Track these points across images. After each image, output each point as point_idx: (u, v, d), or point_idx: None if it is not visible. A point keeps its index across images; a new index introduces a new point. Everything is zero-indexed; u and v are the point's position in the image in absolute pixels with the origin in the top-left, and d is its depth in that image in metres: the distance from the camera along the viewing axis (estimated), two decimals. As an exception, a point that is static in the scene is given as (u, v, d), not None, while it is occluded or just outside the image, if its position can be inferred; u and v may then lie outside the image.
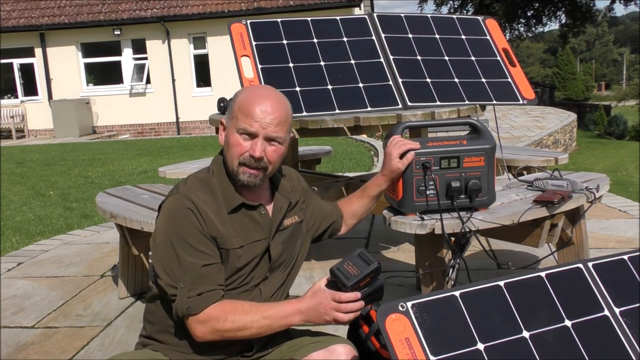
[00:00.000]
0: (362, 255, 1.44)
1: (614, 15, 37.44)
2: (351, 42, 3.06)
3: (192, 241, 1.46)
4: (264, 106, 1.48)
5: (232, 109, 1.52)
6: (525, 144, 9.26)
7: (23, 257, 4.02)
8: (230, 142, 1.50)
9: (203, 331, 1.45)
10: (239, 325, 1.43)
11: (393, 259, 3.51)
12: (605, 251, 3.52)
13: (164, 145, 12.20)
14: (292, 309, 1.45)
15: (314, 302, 1.42)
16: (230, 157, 1.51)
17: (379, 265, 1.43)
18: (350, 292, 1.40)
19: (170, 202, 1.51)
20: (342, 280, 1.40)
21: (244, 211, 1.54)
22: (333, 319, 1.41)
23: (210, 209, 1.49)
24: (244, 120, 1.48)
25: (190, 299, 1.44)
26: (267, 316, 1.44)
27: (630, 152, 14.53)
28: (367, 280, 1.42)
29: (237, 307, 1.45)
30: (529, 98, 2.98)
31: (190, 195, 1.49)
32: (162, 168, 3.91)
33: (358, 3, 15.04)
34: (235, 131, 1.49)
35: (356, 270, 1.41)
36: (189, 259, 1.45)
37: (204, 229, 1.47)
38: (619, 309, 1.29)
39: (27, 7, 16.54)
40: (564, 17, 27.66)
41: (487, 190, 2.11)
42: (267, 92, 1.53)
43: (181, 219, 1.47)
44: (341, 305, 1.40)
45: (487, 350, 1.17)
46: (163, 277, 1.47)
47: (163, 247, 1.48)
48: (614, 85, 61.21)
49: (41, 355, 2.51)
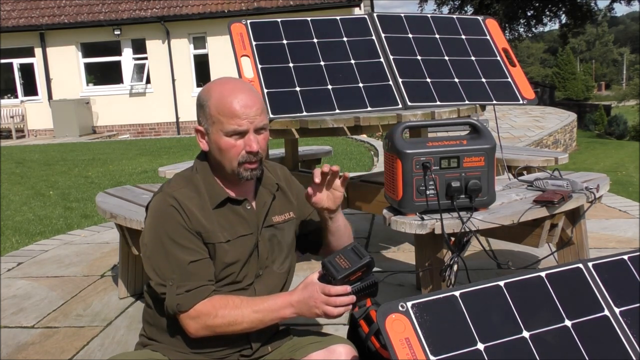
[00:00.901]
0: (355, 249, 1.43)
1: (614, 15, 37.41)
2: (351, 42, 3.06)
3: (177, 238, 1.46)
4: (242, 101, 1.47)
5: (208, 113, 1.49)
6: (525, 144, 9.26)
7: (23, 257, 4.02)
8: (222, 146, 1.49)
9: (195, 327, 1.45)
10: (230, 320, 1.43)
11: (393, 259, 3.51)
12: (605, 251, 3.52)
13: (164, 145, 12.20)
14: (283, 302, 1.44)
15: (305, 295, 1.42)
16: (228, 160, 1.50)
17: (371, 259, 1.41)
18: (340, 286, 1.38)
19: (155, 202, 1.53)
20: (332, 273, 1.39)
21: (230, 206, 1.55)
22: (323, 312, 1.39)
23: (194, 205, 1.49)
24: (230, 121, 1.46)
25: (179, 295, 1.44)
26: (257, 310, 1.44)
27: (630, 152, 14.53)
28: (359, 274, 1.40)
29: (228, 302, 1.45)
30: (529, 98, 2.98)
31: (173, 193, 1.50)
32: (162, 168, 3.91)
33: (358, 3, 15.04)
34: (223, 135, 1.48)
35: (347, 264, 1.40)
36: (175, 256, 1.45)
37: (188, 225, 1.47)
38: (619, 309, 1.29)
39: (27, 7, 16.54)
40: (564, 17, 27.67)
41: (487, 190, 2.12)
42: (236, 86, 1.50)
43: (165, 217, 1.47)
44: (330, 298, 1.38)
45: (487, 350, 1.17)
46: (152, 276, 1.48)
47: (150, 246, 1.49)
48: (614, 85, 61.25)
49: (41, 355, 2.51)
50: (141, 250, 1.53)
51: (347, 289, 1.39)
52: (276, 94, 2.77)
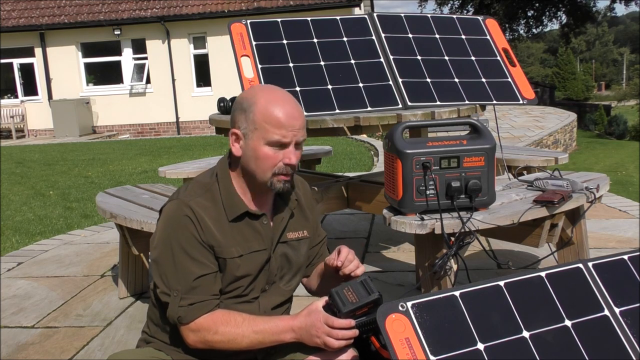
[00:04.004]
0: (365, 283, 1.39)
1: (615, 15, 37.44)
2: (351, 42, 3.06)
3: (188, 249, 1.43)
4: (290, 112, 1.43)
5: (251, 119, 1.44)
6: (525, 143, 9.26)
7: (23, 257, 4.02)
8: (260, 154, 1.45)
9: (194, 339, 1.44)
10: (230, 338, 1.42)
11: (393, 259, 3.51)
12: (605, 251, 3.52)
13: (164, 145, 12.20)
14: (285, 326, 1.42)
15: (308, 322, 1.39)
16: (262, 169, 1.46)
17: (379, 296, 1.37)
18: (344, 319, 1.36)
19: (170, 208, 1.49)
20: (339, 306, 1.36)
21: (247, 220, 1.51)
22: (323, 342, 1.37)
23: (209, 216, 1.46)
24: (276, 132, 1.42)
25: (182, 308, 1.42)
26: (258, 331, 1.42)
27: (630, 152, 14.53)
28: (365, 309, 1.37)
29: (230, 319, 1.43)
30: (529, 98, 2.98)
31: (189, 202, 1.46)
32: (162, 168, 3.91)
33: (358, 3, 15.03)
34: (264, 143, 1.44)
35: (355, 298, 1.36)
36: (184, 266, 1.43)
37: (201, 236, 1.44)
38: (619, 309, 1.29)
39: (27, 7, 16.54)
40: (564, 17, 27.67)
41: (487, 190, 2.11)
42: (285, 96, 1.47)
43: (179, 226, 1.44)
44: (333, 331, 1.36)
45: (487, 350, 1.17)
46: (158, 283, 1.47)
47: (160, 253, 1.46)
48: (614, 85, 61.22)
49: (41, 355, 2.51)
50: (150, 253, 1.51)
51: (351, 322, 1.36)
52: (276, 94, 2.77)
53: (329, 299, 1.39)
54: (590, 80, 51.48)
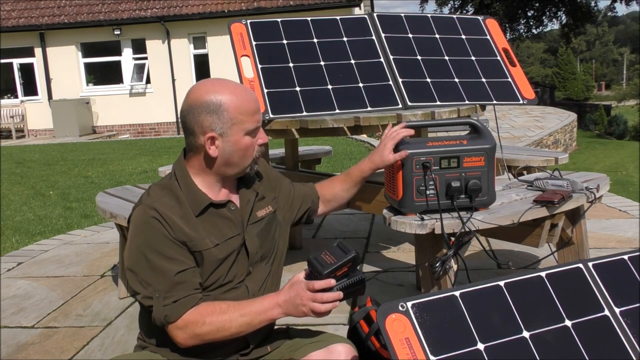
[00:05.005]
0: (341, 245, 1.43)
1: (615, 15, 37.44)
2: (351, 42, 3.06)
3: (162, 249, 1.43)
4: (251, 97, 1.50)
5: (226, 117, 1.45)
6: (525, 143, 9.25)
7: (23, 257, 4.02)
8: (243, 146, 1.49)
9: (183, 337, 1.44)
10: (218, 326, 1.42)
11: (393, 259, 3.51)
12: (605, 251, 3.52)
13: (164, 145, 12.20)
14: (270, 303, 1.43)
15: (291, 293, 1.41)
16: (247, 158, 1.51)
17: (356, 254, 1.40)
18: (324, 280, 1.38)
19: (136, 214, 1.49)
20: (318, 269, 1.38)
21: (213, 211, 1.52)
22: (310, 309, 1.38)
23: (176, 214, 1.46)
24: (250, 119, 1.48)
25: (167, 307, 1.42)
26: (244, 313, 1.43)
27: (630, 152, 14.53)
28: (345, 269, 1.39)
29: (215, 309, 1.43)
30: (529, 98, 2.98)
31: (153, 204, 1.46)
32: (162, 168, 3.91)
33: (358, 3, 15.04)
34: (244, 134, 1.48)
35: (332, 259, 1.39)
36: (161, 267, 1.43)
37: (172, 235, 1.44)
38: (619, 309, 1.29)
39: (27, 7, 16.54)
40: (564, 17, 27.67)
41: (487, 190, 2.11)
42: (236, 85, 1.51)
43: (148, 229, 1.44)
44: (317, 295, 1.37)
45: (487, 350, 1.17)
46: (139, 290, 1.46)
47: (134, 260, 1.46)
48: (614, 85, 61.25)
49: (41, 355, 2.51)
50: (125, 264, 1.50)
51: (330, 282, 1.38)
52: (276, 93, 2.77)
53: (309, 267, 1.42)
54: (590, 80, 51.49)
